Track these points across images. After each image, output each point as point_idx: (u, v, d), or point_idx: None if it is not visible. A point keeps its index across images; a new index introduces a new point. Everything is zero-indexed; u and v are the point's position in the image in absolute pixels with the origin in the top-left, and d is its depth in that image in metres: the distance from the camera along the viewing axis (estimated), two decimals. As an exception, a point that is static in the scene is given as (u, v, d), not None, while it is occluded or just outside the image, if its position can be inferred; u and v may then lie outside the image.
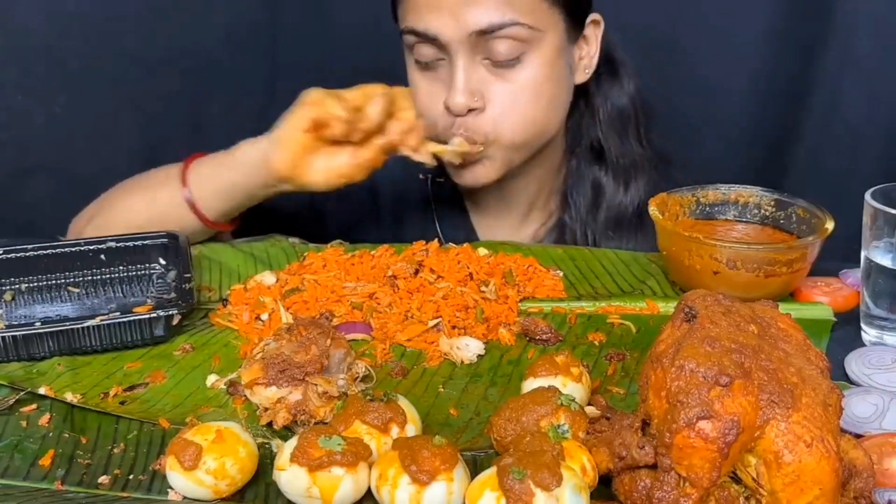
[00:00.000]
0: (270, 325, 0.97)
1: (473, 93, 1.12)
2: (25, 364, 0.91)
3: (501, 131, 1.14)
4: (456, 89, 1.12)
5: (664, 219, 1.05)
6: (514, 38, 1.10)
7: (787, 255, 0.99)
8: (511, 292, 1.02)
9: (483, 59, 1.12)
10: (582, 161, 1.29)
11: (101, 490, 0.75)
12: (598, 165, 1.28)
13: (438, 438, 0.70)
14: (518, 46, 1.11)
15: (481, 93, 1.13)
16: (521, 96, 1.14)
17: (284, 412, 0.80)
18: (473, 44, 1.10)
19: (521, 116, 1.15)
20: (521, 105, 1.14)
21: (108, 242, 1.06)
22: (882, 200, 0.93)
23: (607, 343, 0.97)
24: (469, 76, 1.12)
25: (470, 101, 1.12)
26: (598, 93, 1.26)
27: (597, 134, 1.27)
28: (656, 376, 0.67)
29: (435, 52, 1.13)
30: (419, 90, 1.17)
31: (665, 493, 0.65)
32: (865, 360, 0.93)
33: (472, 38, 1.10)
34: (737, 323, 0.69)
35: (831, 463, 0.64)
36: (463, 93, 1.12)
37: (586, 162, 1.29)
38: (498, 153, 1.17)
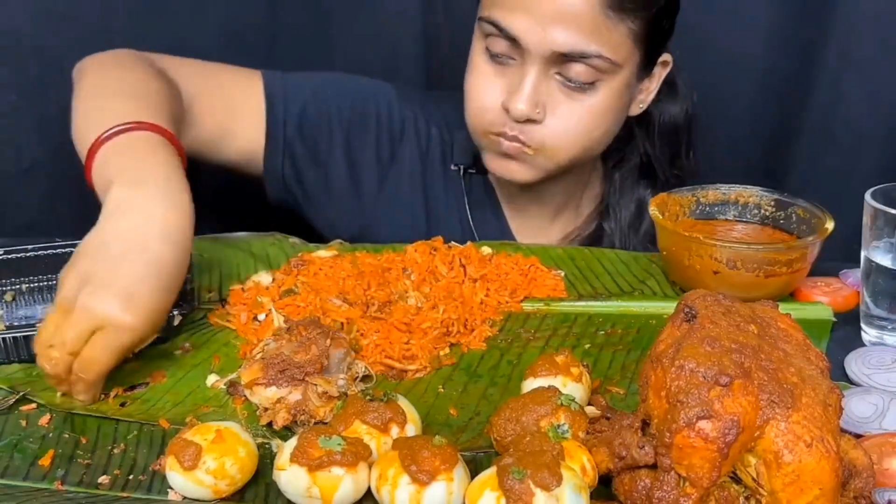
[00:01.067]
0: (266, 325, 0.97)
1: (537, 104, 1.11)
2: (26, 366, 0.91)
3: (554, 147, 1.14)
4: (521, 96, 1.10)
5: (664, 219, 1.05)
6: (593, 67, 1.09)
7: (787, 255, 0.99)
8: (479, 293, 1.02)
9: (556, 74, 1.11)
10: (628, 177, 1.29)
11: (101, 490, 0.75)
12: (644, 182, 1.29)
13: (438, 438, 0.70)
14: (594, 74, 1.10)
15: (544, 105, 1.12)
16: (583, 121, 1.13)
17: (284, 412, 0.80)
18: (551, 59, 1.09)
19: (577, 139, 1.14)
20: (581, 128, 1.14)
21: None
22: (882, 200, 0.93)
23: (607, 343, 0.97)
24: (538, 87, 1.10)
25: (532, 112, 1.11)
26: (654, 110, 1.26)
27: (647, 150, 1.28)
28: (656, 376, 0.67)
29: (509, 49, 1.11)
30: (481, 78, 1.15)
31: (665, 493, 0.65)
32: (865, 360, 0.93)
33: (553, 56, 1.08)
34: (737, 323, 0.69)
35: (831, 463, 0.64)
36: (527, 101, 1.10)
37: (632, 178, 1.29)
38: (541, 161, 1.16)
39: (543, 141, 1.13)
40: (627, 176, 1.29)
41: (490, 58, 1.14)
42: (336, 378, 0.83)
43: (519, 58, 1.11)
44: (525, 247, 1.17)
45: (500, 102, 1.13)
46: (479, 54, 1.15)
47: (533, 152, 1.14)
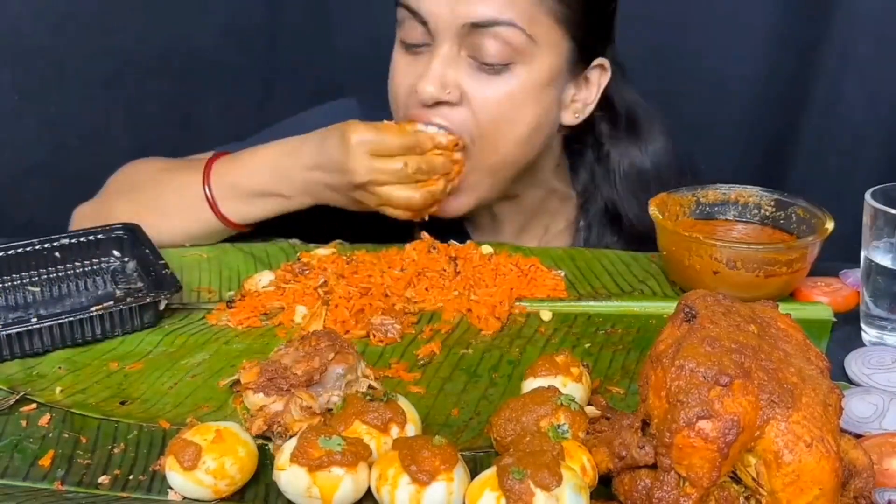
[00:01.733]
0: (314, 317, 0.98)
1: (446, 85, 1.07)
2: (25, 367, 0.91)
3: (486, 142, 1.10)
4: (427, 76, 1.07)
5: (664, 219, 1.05)
6: (505, 41, 1.05)
7: (787, 255, 0.99)
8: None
9: (468, 56, 1.07)
10: (594, 226, 1.26)
11: (101, 490, 0.75)
12: (611, 230, 1.25)
13: (438, 438, 0.70)
14: (508, 52, 1.06)
15: (458, 87, 1.08)
16: (504, 104, 1.08)
17: (260, 420, 0.80)
18: (462, 36, 1.06)
19: (501, 129, 1.10)
20: (503, 115, 1.09)
21: (61, 240, 1.07)
22: (882, 200, 0.93)
23: (607, 343, 0.97)
24: (446, 67, 1.07)
25: (440, 93, 1.07)
26: (614, 153, 1.22)
27: (612, 196, 1.23)
28: (656, 376, 0.67)
29: (422, 36, 1.09)
30: (396, 68, 1.14)
31: (665, 493, 0.65)
32: (865, 360, 0.93)
33: (463, 30, 1.05)
34: (737, 323, 0.69)
35: (831, 463, 0.64)
36: (433, 81, 1.06)
37: (599, 227, 1.25)
38: (475, 178, 1.12)
39: (464, 123, 1.09)
40: (593, 223, 1.26)
41: (405, 49, 1.12)
42: (330, 394, 0.81)
43: (431, 42, 1.09)
44: (525, 248, 1.17)
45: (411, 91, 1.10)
46: (396, 46, 1.14)
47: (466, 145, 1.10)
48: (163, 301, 0.98)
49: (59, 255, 1.06)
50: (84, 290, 1.05)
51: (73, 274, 1.07)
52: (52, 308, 1.01)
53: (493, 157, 1.12)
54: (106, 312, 0.95)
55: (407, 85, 1.11)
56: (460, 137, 1.09)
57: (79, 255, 1.07)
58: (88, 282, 1.06)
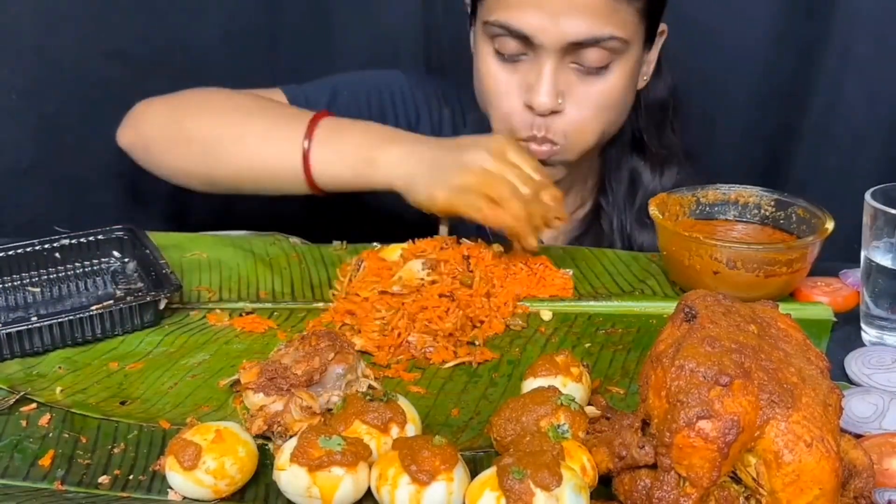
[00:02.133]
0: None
1: (558, 94, 1.12)
2: (26, 366, 0.91)
3: (577, 136, 1.16)
4: (542, 90, 1.11)
5: (664, 219, 1.05)
6: (606, 50, 1.11)
7: (787, 255, 0.99)
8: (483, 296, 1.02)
9: (570, 63, 1.12)
10: (622, 151, 1.30)
11: (101, 490, 0.75)
12: (636, 155, 1.30)
13: (438, 438, 0.70)
14: (608, 56, 1.11)
15: (563, 94, 1.13)
16: (601, 103, 1.15)
17: (260, 420, 0.79)
18: (566, 50, 1.10)
19: (597, 123, 1.16)
20: (601, 111, 1.16)
21: (61, 240, 1.07)
22: (882, 200, 0.93)
23: (607, 343, 0.97)
24: (556, 79, 1.12)
25: (554, 104, 1.12)
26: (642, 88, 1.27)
27: (637, 125, 1.29)
28: (656, 376, 0.67)
29: (520, 47, 1.12)
30: (496, 81, 1.16)
31: (665, 493, 0.65)
32: (865, 360, 0.93)
33: (567, 46, 1.09)
34: (737, 323, 0.69)
35: (831, 463, 0.64)
36: (549, 94, 1.11)
37: (625, 152, 1.30)
38: (566, 156, 1.18)
39: (566, 131, 1.15)
40: (621, 151, 1.31)
41: (502, 60, 1.15)
42: (330, 394, 0.81)
43: (531, 53, 1.12)
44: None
45: (521, 101, 1.14)
46: (487, 58, 1.16)
47: (559, 149, 1.16)
48: (163, 300, 0.99)
49: (60, 256, 1.06)
50: (84, 290, 1.05)
51: (74, 274, 1.07)
52: (53, 308, 1.02)
53: (590, 140, 1.18)
54: (106, 311, 0.95)
55: (514, 95, 1.15)
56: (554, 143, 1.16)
57: (79, 256, 1.07)
58: (88, 282, 1.06)
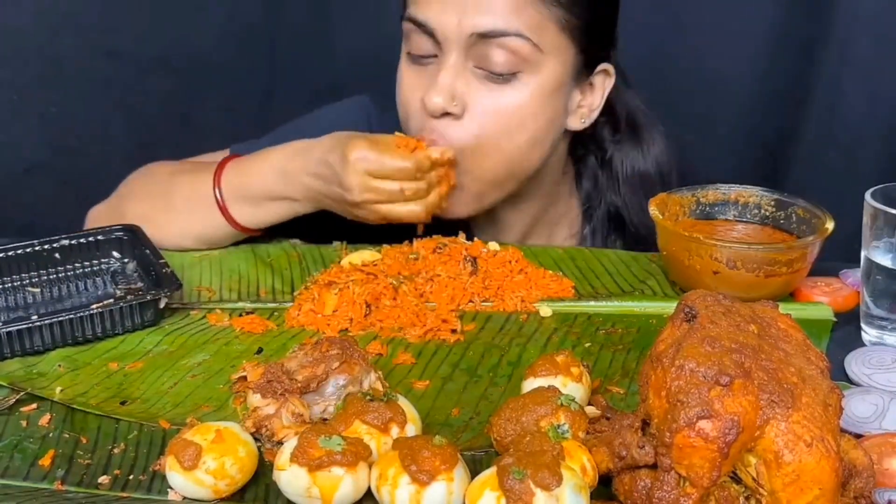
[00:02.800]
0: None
1: (454, 97, 1.08)
2: (26, 365, 0.91)
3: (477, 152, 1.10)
4: (436, 87, 1.07)
5: (664, 219, 1.05)
6: (512, 51, 1.06)
7: (787, 255, 0.99)
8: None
9: (475, 67, 1.08)
10: (598, 230, 1.26)
11: (101, 490, 0.75)
12: (615, 234, 1.26)
13: (438, 438, 0.70)
14: (515, 62, 1.06)
15: (463, 100, 1.08)
16: (504, 117, 1.09)
17: (250, 421, 0.79)
18: (469, 46, 1.06)
19: (499, 140, 1.10)
20: (502, 126, 1.09)
21: (61, 241, 1.07)
22: (882, 200, 0.93)
23: (607, 343, 0.97)
24: (454, 78, 1.08)
25: (448, 104, 1.07)
26: (617, 157, 1.23)
27: (615, 201, 1.24)
28: (656, 376, 0.67)
29: (429, 47, 1.09)
30: (403, 81, 1.14)
31: (665, 493, 0.65)
32: (865, 360, 0.93)
33: (471, 40, 1.06)
34: (737, 323, 0.69)
35: (831, 463, 0.64)
36: (442, 92, 1.07)
37: (602, 229, 1.26)
38: (468, 184, 1.12)
39: (462, 140, 1.09)
40: (598, 228, 1.27)
41: (412, 61, 1.13)
42: (327, 403, 0.80)
43: (440, 53, 1.09)
44: (525, 247, 1.17)
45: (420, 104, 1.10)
46: (403, 59, 1.15)
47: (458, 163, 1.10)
48: (163, 299, 0.99)
49: (59, 257, 1.07)
50: (84, 290, 1.06)
51: (73, 275, 1.07)
52: (53, 308, 1.02)
53: (497, 166, 1.12)
54: (106, 310, 0.95)
55: (416, 96, 1.11)
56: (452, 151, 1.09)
57: (79, 257, 1.07)
58: (88, 283, 1.07)
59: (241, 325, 0.99)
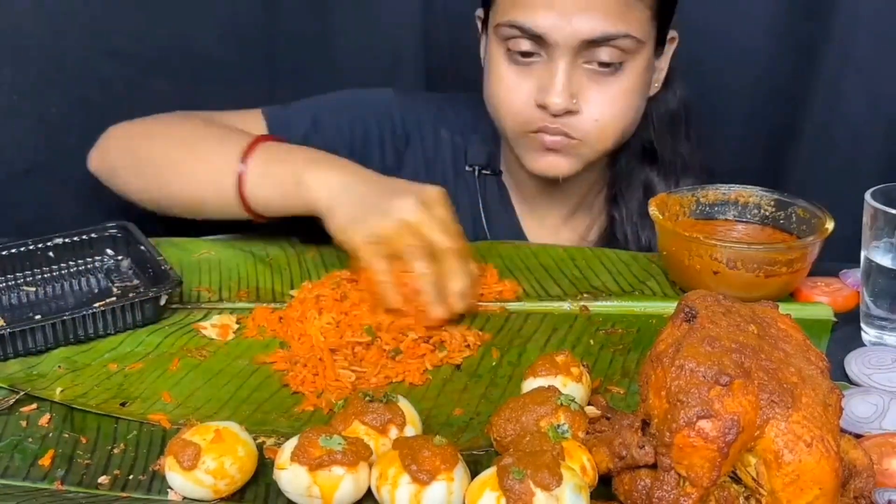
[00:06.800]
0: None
1: (572, 95, 1.12)
2: (26, 366, 0.91)
3: (597, 136, 1.15)
4: (556, 90, 1.11)
5: (664, 219, 1.05)
6: (620, 49, 1.11)
7: (787, 255, 0.99)
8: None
9: (584, 63, 1.12)
10: (633, 162, 1.29)
11: (101, 490, 0.75)
12: (649, 166, 1.29)
13: (439, 438, 0.70)
14: (621, 55, 1.11)
15: (579, 95, 1.13)
16: (617, 104, 1.14)
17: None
18: (579, 48, 1.10)
19: (616, 124, 1.16)
20: (616, 112, 1.15)
21: (54, 239, 1.07)
22: (882, 200, 0.93)
23: (607, 343, 0.97)
24: (570, 79, 1.11)
25: (569, 104, 1.11)
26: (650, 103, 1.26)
27: (649, 136, 1.28)
28: (656, 376, 0.67)
29: (533, 47, 1.12)
30: (507, 81, 1.16)
31: (665, 493, 0.65)
32: (865, 360, 0.93)
33: (581, 45, 1.09)
34: (737, 323, 0.69)
35: (831, 463, 0.64)
36: (562, 94, 1.11)
37: (637, 162, 1.29)
38: (585, 152, 1.17)
39: (587, 131, 1.14)
40: (632, 163, 1.30)
41: (514, 61, 1.14)
42: None
43: (545, 54, 1.12)
44: (526, 246, 1.17)
45: (533, 100, 1.13)
46: (499, 60, 1.15)
47: (578, 143, 1.15)
48: (163, 296, 0.99)
49: (53, 255, 1.07)
50: (79, 289, 1.06)
51: (68, 273, 1.07)
52: (50, 307, 1.02)
53: (612, 141, 1.18)
54: (108, 308, 0.95)
55: (521, 94, 1.14)
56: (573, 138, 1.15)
57: (73, 255, 1.08)
58: (83, 280, 1.07)
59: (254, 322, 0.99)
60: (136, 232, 1.09)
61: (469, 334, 0.97)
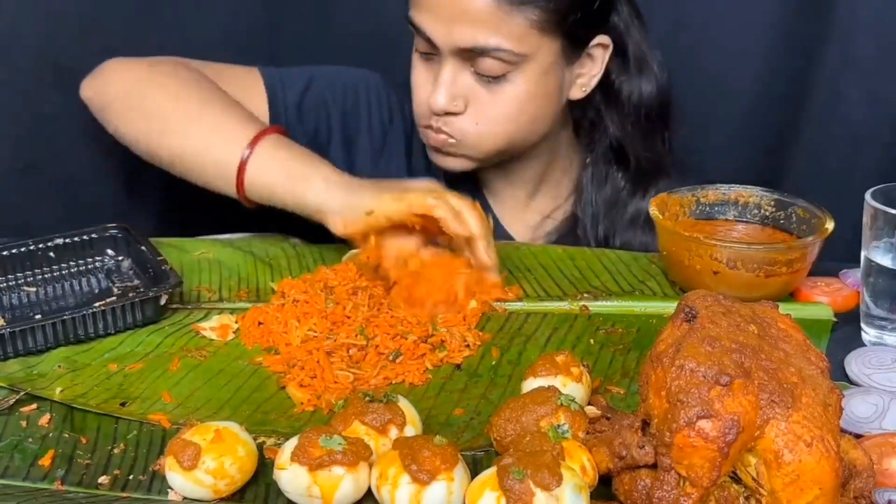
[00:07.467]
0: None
1: (455, 97, 1.15)
2: (26, 366, 0.91)
3: (476, 137, 1.17)
4: (437, 91, 1.15)
5: (664, 219, 1.05)
6: (499, 60, 1.12)
7: (787, 255, 0.99)
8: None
9: (470, 68, 1.14)
10: (600, 160, 1.29)
11: (101, 490, 0.75)
12: (616, 166, 1.28)
13: (439, 438, 0.70)
14: (503, 66, 1.12)
15: (464, 97, 1.15)
16: (503, 110, 1.16)
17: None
18: (462, 54, 1.13)
19: (498, 128, 1.17)
20: (500, 117, 1.16)
21: (55, 240, 1.07)
22: (882, 200, 0.93)
23: (607, 343, 0.97)
24: (453, 80, 1.14)
25: (449, 105, 1.15)
26: (622, 90, 1.26)
27: (617, 133, 1.27)
28: (656, 376, 0.67)
29: (430, 46, 1.15)
30: (417, 75, 1.20)
31: (665, 493, 0.65)
32: (865, 360, 0.93)
33: (460, 51, 1.12)
34: (737, 323, 0.69)
35: (831, 463, 0.64)
36: (444, 95, 1.14)
37: (605, 161, 1.29)
38: (468, 152, 1.20)
39: (464, 132, 1.17)
40: (599, 159, 1.29)
41: (420, 55, 1.19)
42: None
43: (437, 54, 1.15)
44: (526, 246, 1.17)
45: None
46: (414, 53, 1.21)
47: (456, 143, 1.18)
48: (164, 296, 0.99)
49: (54, 255, 1.07)
50: (79, 289, 1.06)
51: (69, 273, 1.07)
52: (50, 307, 1.02)
53: (497, 144, 1.19)
54: (108, 308, 0.95)
55: (425, 90, 1.18)
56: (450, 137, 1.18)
57: (73, 255, 1.08)
58: (84, 281, 1.07)
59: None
60: (136, 232, 1.09)
61: (469, 334, 0.97)
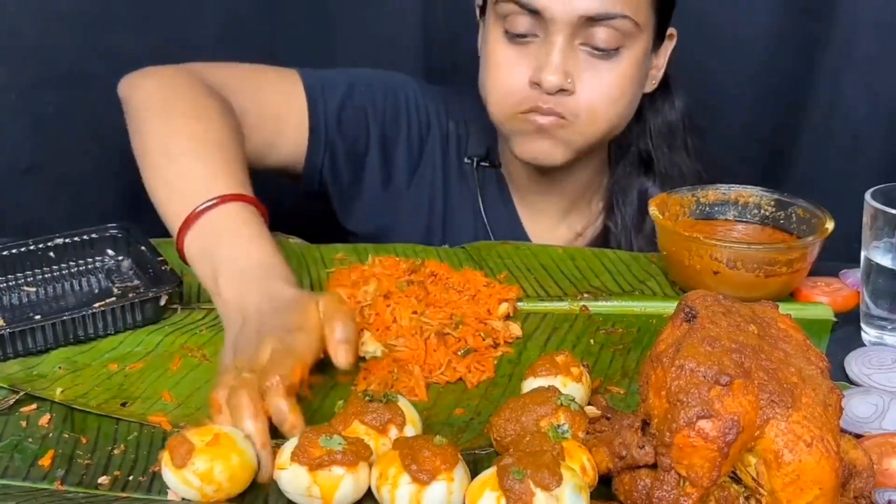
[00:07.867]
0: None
1: (567, 74, 1.12)
2: (26, 367, 0.91)
3: (588, 118, 1.15)
4: (551, 67, 1.11)
5: (664, 219, 1.05)
6: (617, 30, 1.11)
7: (787, 255, 0.99)
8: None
9: (580, 44, 1.12)
10: (630, 169, 1.30)
11: (101, 490, 0.75)
12: (645, 175, 1.30)
13: (439, 438, 0.70)
14: (618, 38, 1.12)
15: (574, 75, 1.13)
16: (611, 88, 1.15)
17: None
18: (577, 27, 1.10)
19: (607, 108, 1.16)
20: (609, 96, 1.15)
21: (55, 240, 1.07)
22: (882, 200, 0.93)
23: (607, 343, 0.97)
24: (565, 57, 1.12)
25: (563, 82, 1.12)
26: (649, 105, 1.27)
27: (646, 145, 1.28)
28: (656, 376, 0.67)
29: (531, 25, 1.12)
30: (503, 61, 1.16)
31: (665, 493, 0.65)
32: (865, 360, 0.93)
33: (579, 22, 1.10)
34: (737, 323, 0.69)
35: (831, 463, 0.64)
36: (557, 71, 1.11)
37: (634, 170, 1.30)
38: (574, 137, 1.17)
39: (578, 111, 1.15)
40: (630, 168, 1.30)
41: (510, 40, 1.15)
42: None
43: (542, 33, 1.12)
44: (526, 246, 1.17)
45: (527, 80, 1.14)
46: (496, 40, 1.16)
47: (567, 123, 1.15)
48: (163, 296, 0.99)
49: (54, 255, 1.07)
50: (79, 289, 1.06)
51: (69, 273, 1.07)
52: (51, 307, 1.02)
53: (602, 129, 1.18)
54: (108, 308, 0.95)
55: (518, 73, 1.15)
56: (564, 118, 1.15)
57: (73, 255, 1.08)
58: (84, 281, 1.07)
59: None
60: (137, 232, 1.09)
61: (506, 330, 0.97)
